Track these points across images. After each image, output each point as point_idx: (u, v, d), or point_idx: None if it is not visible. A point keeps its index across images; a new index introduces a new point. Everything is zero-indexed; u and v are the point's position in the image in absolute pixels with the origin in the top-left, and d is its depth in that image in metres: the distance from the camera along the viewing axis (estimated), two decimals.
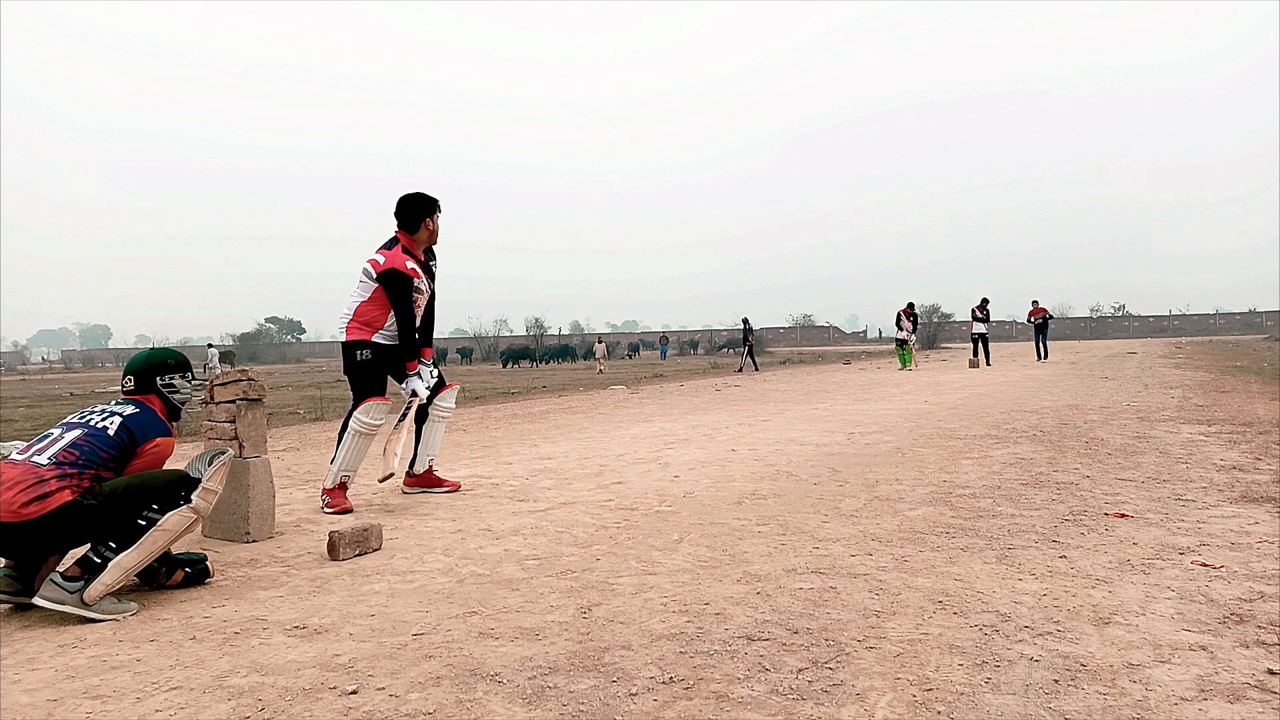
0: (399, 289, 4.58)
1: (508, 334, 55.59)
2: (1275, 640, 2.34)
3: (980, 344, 20.84)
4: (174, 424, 3.35)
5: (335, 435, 8.43)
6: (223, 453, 3.21)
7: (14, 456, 2.94)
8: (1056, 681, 2.11)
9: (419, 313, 4.78)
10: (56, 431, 3.03)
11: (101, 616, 2.79)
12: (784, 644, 2.40)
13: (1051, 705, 1.98)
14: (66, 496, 2.79)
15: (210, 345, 48.11)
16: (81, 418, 3.10)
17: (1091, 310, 78.36)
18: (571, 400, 13.11)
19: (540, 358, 36.66)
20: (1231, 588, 2.80)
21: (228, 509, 3.87)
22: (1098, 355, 26.07)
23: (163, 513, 2.93)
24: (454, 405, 5.14)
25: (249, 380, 3.93)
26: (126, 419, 3.08)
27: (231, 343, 68.01)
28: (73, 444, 2.94)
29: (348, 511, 4.51)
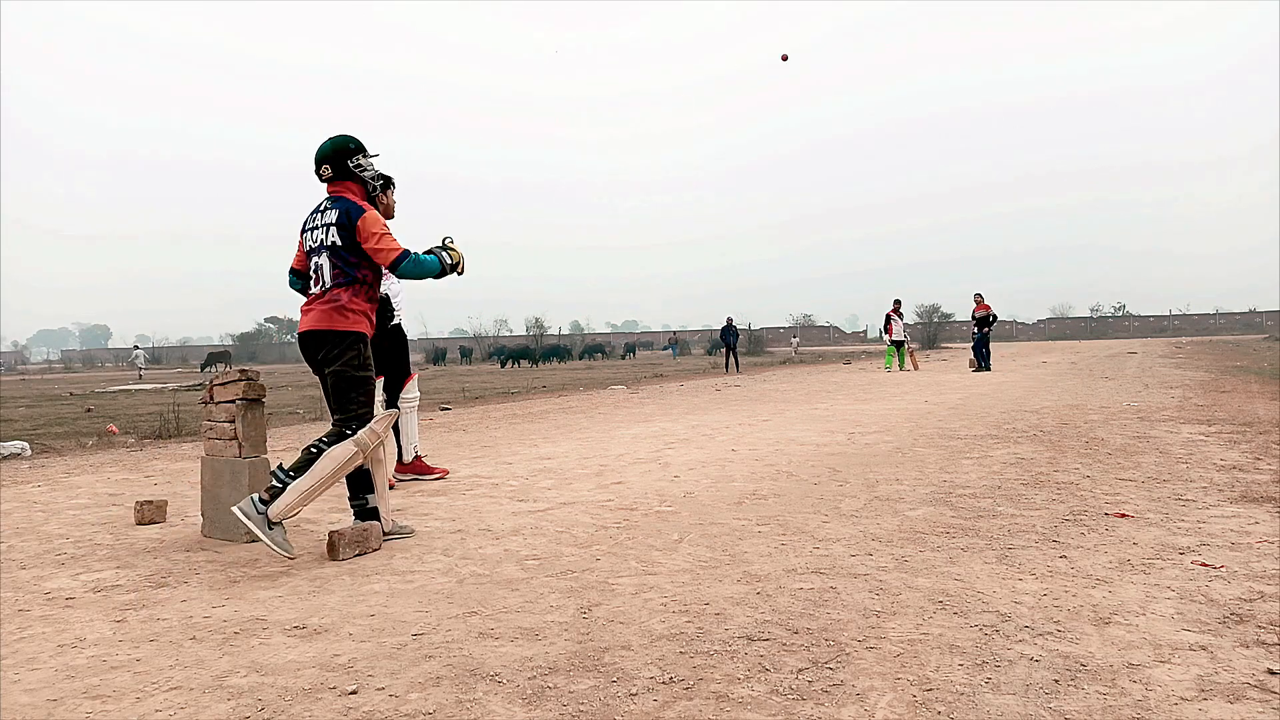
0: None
1: (508, 334, 55.57)
2: (1275, 640, 2.34)
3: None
4: None
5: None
6: None
7: None
8: (1056, 681, 2.11)
9: (389, 279, 5.24)
10: None
11: None
12: (784, 644, 2.40)
13: (1051, 705, 1.98)
14: None
15: (136, 347, 47.89)
16: None
17: (1091, 310, 78.34)
18: (571, 400, 13.11)
19: (536, 358, 36.80)
20: (1231, 588, 2.80)
21: (227, 509, 3.86)
22: (1098, 355, 26.07)
23: None
24: (417, 395, 5.60)
25: (249, 380, 3.93)
26: None
27: (231, 342, 68.04)
28: None
29: (390, 488, 4.91)
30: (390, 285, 5.18)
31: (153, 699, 2.15)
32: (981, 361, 18.51)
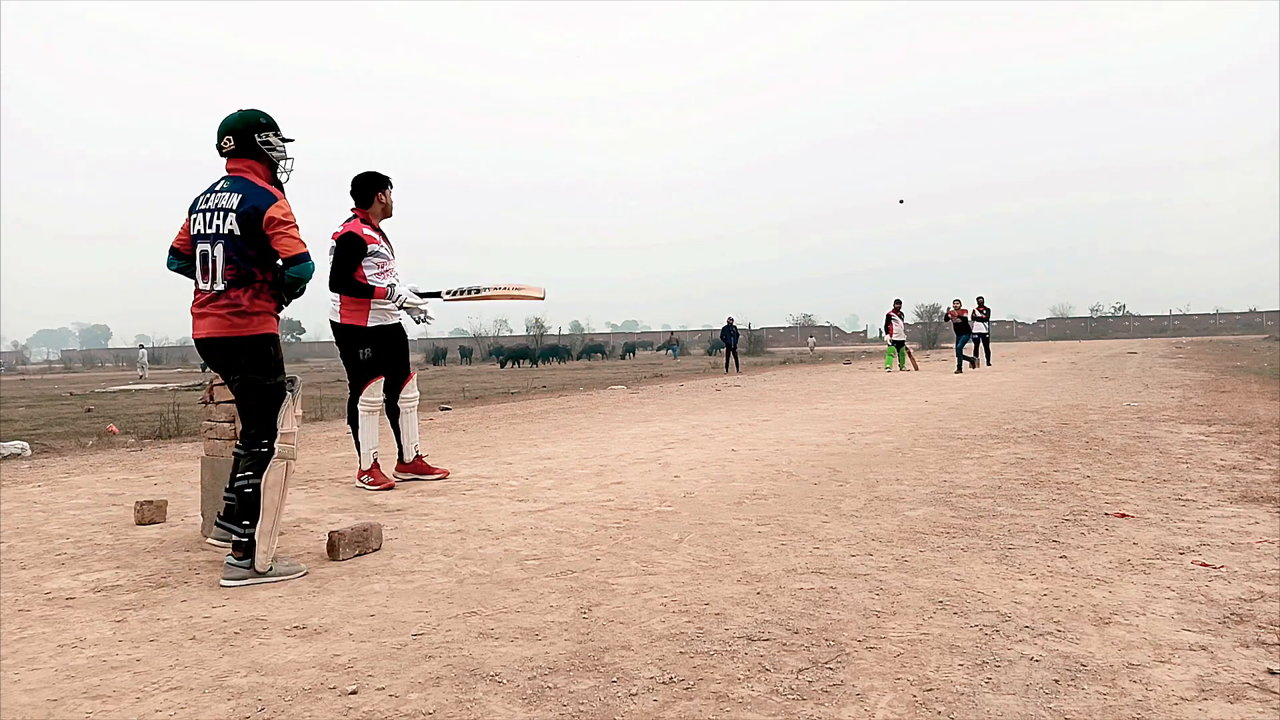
0: (343, 250, 4.98)
1: (508, 334, 55.60)
2: (1275, 640, 2.34)
3: (980, 344, 20.86)
4: None
5: (335, 435, 8.43)
6: None
7: None
8: (1057, 681, 2.11)
9: (388, 278, 5.14)
10: None
11: None
12: (784, 644, 2.40)
13: (1051, 705, 1.98)
14: None
15: (141, 346, 48.08)
16: None
17: (1091, 310, 78.42)
18: (571, 400, 13.11)
19: (535, 358, 36.94)
20: (1231, 588, 2.80)
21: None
22: (1098, 355, 26.08)
23: None
24: (416, 394, 5.47)
25: None
26: None
27: None
28: None
29: (391, 488, 5.03)
30: (390, 280, 5.16)
31: (153, 699, 2.15)
32: (964, 360, 18.65)
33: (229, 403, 3.92)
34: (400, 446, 5.35)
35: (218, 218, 3.25)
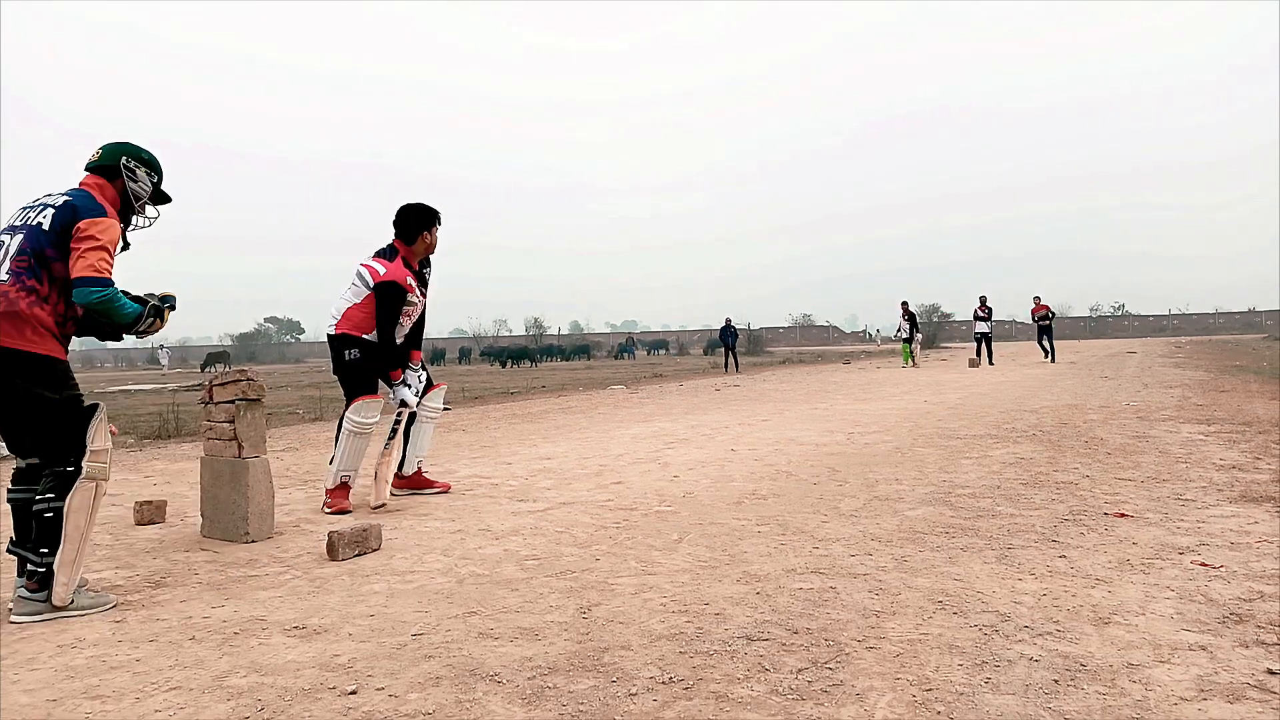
0: (390, 301, 4.56)
1: (507, 334, 55.63)
2: (1275, 640, 2.34)
3: (983, 343, 20.87)
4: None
5: (334, 435, 8.42)
6: None
7: None
8: (1056, 681, 2.11)
9: (409, 324, 4.77)
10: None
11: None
12: (784, 644, 2.40)
13: (1051, 705, 1.98)
14: None
15: (161, 346, 48.01)
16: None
17: (1091, 310, 78.35)
18: (571, 400, 13.11)
19: (534, 358, 37.13)
20: (1231, 588, 2.80)
21: (227, 509, 3.87)
22: (1097, 355, 26.06)
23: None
24: (442, 406, 5.10)
25: (248, 380, 3.93)
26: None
27: (230, 342, 68.07)
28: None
29: (346, 512, 4.49)
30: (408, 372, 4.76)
31: (152, 699, 2.15)
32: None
33: (228, 403, 3.91)
34: (404, 456, 4.95)
35: (33, 211, 3.09)
